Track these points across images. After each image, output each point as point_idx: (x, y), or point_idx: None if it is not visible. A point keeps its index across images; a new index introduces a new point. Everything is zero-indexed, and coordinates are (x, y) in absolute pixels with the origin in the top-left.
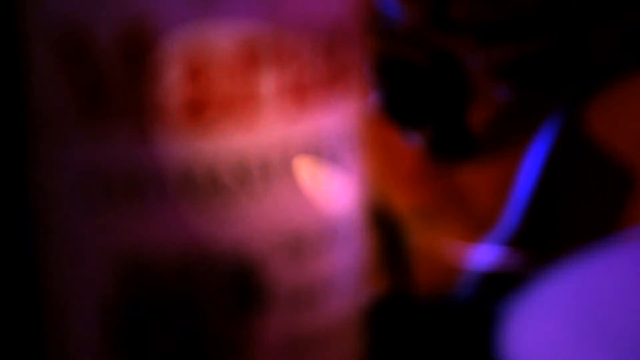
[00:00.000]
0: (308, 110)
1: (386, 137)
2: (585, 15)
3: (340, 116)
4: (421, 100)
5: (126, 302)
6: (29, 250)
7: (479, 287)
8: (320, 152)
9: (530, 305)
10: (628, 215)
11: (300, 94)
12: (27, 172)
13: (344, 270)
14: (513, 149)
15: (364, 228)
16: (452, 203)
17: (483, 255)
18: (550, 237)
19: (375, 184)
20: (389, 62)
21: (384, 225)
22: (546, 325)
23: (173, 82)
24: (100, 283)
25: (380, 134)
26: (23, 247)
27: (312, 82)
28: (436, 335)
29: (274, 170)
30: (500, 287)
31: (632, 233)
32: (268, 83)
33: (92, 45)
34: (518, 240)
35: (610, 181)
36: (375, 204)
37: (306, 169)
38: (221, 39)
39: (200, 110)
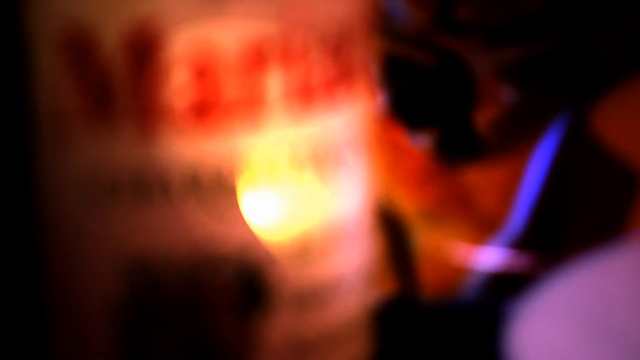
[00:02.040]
0: (315, 112)
1: (392, 138)
2: (590, 16)
3: (346, 117)
4: (427, 101)
5: (131, 303)
6: (34, 250)
7: (485, 288)
8: (327, 153)
9: (536, 307)
10: (634, 217)
11: (307, 95)
12: (33, 173)
13: (349, 272)
14: (519, 150)
15: (370, 229)
16: (458, 204)
17: (489, 256)
18: (556, 238)
19: (381, 185)
20: (395, 64)
21: (390, 227)
22: (553, 327)
23: (179, 83)
24: (105, 284)
25: (386, 135)
26: (28, 248)
27: (318, 84)
28: (442, 337)
29: (281, 171)
30: (506, 288)
31: (639, 234)
32: (275, 84)
33: (99, 46)
34: (524, 242)
35: (617, 182)
36: (381, 205)
37: (313, 170)
38: (228, 40)
39: (206, 111)
